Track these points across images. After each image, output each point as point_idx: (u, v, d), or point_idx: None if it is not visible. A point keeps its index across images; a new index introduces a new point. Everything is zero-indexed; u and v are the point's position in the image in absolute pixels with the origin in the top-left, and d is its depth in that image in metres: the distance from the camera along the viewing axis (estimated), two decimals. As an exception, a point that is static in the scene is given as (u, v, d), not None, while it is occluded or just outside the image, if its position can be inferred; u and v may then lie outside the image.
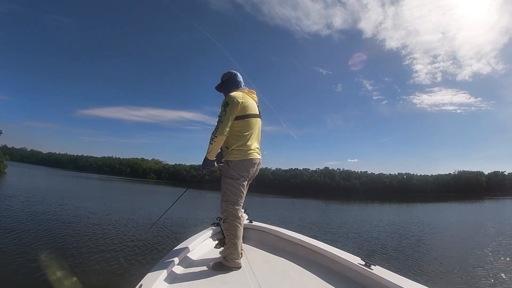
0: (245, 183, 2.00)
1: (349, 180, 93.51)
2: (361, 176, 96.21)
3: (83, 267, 4.73)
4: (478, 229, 12.22)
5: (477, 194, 69.93)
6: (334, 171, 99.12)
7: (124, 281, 4.30)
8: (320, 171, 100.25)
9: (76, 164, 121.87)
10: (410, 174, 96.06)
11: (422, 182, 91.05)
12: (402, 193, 77.78)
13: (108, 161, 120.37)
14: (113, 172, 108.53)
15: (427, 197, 60.32)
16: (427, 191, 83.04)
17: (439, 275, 5.60)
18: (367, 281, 1.57)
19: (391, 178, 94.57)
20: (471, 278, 5.45)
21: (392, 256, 7.03)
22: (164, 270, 1.59)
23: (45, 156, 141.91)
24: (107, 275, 4.52)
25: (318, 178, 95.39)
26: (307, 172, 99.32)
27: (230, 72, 2.15)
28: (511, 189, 79.93)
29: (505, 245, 8.68)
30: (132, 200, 19.69)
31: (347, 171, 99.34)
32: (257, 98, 2.16)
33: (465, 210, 27.88)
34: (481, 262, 6.58)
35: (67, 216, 9.44)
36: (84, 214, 10.20)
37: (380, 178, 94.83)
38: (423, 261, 6.59)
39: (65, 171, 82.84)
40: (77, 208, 11.60)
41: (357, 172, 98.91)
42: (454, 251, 7.92)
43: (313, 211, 21.28)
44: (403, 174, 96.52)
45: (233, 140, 1.95)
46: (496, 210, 27.87)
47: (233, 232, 1.92)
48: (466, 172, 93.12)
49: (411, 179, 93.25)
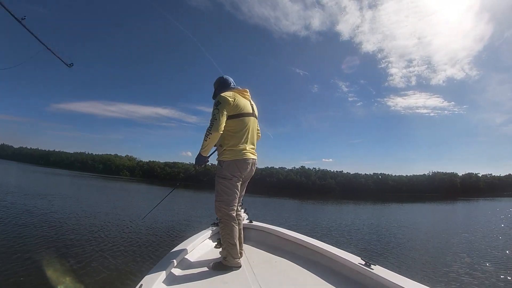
0: (238, 183, 1.99)
1: (325, 179, 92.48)
2: (337, 176, 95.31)
3: (82, 268, 4.67)
4: (465, 229, 12.75)
5: (451, 195, 70.37)
6: (310, 170, 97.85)
7: (124, 281, 4.29)
8: (296, 170, 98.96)
9: (48, 160, 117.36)
10: (386, 175, 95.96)
11: (397, 182, 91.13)
12: (377, 193, 78.18)
13: (80, 157, 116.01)
14: (85, 168, 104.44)
15: (402, 197, 61.25)
16: (402, 191, 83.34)
17: (422, 268, 5.94)
18: (367, 281, 1.57)
19: (367, 178, 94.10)
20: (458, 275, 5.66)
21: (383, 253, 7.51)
22: (164, 271, 1.60)
23: (16, 150, 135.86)
24: (107, 276, 4.49)
25: (294, 177, 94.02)
26: (283, 171, 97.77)
27: (218, 78, 2.17)
28: (484, 190, 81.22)
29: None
30: (125, 199, 19.40)
31: (323, 170, 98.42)
32: (250, 97, 2.12)
33: (442, 210, 28.56)
34: (473, 259, 6.98)
35: (62, 217, 9.14)
36: (80, 215, 9.92)
37: (356, 178, 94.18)
38: (409, 257, 7.07)
39: (37, 167, 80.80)
40: (69, 209, 11.21)
41: (333, 172, 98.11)
42: (435, 249, 8.29)
43: (289, 210, 21.51)
44: (379, 174, 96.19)
45: (226, 140, 1.95)
46: (476, 210, 28.69)
47: (228, 231, 1.91)
48: (440, 173, 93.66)
49: (387, 179, 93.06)
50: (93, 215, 10.30)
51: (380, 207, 29.13)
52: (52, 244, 5.93)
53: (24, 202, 11.57)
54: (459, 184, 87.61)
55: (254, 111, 2.09)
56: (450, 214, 24.10)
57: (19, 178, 28.99)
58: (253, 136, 2.07)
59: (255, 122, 2.10)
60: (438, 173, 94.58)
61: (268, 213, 16.97)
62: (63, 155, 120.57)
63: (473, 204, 38.46)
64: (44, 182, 28.19)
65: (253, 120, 2.06)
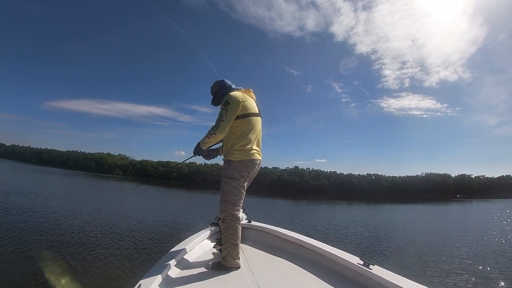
0: (245, 184, 1.97)
1: (318, 179, 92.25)
2: (330, 176, 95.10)
3: (79, 269, 4.62)
4: (461, 230, 12.69)
5: (445, 196, 70.46)
6: (304, 170, 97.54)
7: (123, 281, 4.25)
8: (289, 170, 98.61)
9: (40, 158, 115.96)
10: (379, 175, 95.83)
11: (390, 183, 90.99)
12: (371, 193, 78.22)
13: (73, 156, 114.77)
14: (77, 167, 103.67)
15: (396, 197, 61.16)
16: (395, 192, 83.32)
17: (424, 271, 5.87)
18: (366, 281, 1.56)
19: (360, 178, 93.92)
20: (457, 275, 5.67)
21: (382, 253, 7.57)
22: (162, 270, 1.60)
23: (8, 148, 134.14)
24: (105, 276, 4.46)
25: (288, 177, 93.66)
26: (276, 171, 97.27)
27: (216, 82, 2.11)
28: (477, 191, 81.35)
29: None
30: (120, 199, 19.13)
31: (317, 170, 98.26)
32: (255, 97, 2.10)
33: (436, 211, 28.38)
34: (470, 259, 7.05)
35: (61, 216, 9.05)
36: (76, 215, 9.79)
37: (349, 178, 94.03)
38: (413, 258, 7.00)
39: (29, 165, 79.96)
40: (66, 208, 11.10)
41: (326, 172, 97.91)
42: (433, 248, 8.37)
43: (283, 210, 21.34)
44: (372, 175, 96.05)
45: (235, 140, 1.92)
46: (469, 211, 28.25)
47: (231, 232, 1.89)
48: (434, 174, 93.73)
49: (380, 180, 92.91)
50: (89, 215, 10.13)
51: (374, 208, 28.98)
52: (48, 246, 5.80)
53: (4, 201, 11.09)
54: (452, 185, 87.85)
55: (259, 111, 2.05)
56: (444, 215, 23.91)
57: (7, 176, 28.26)
58: (260, 136, 2.04)
59: (260, 123, 2.05)
60: (431, 174, 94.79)
61: (261, 215, 16.70)
62: (55, 154, 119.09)
63: (467, 205, 38.43)
64: (34, 181, 27.42)
65: (259, 121, 2.03)
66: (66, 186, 25.81)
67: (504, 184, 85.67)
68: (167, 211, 14.24)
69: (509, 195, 69.44)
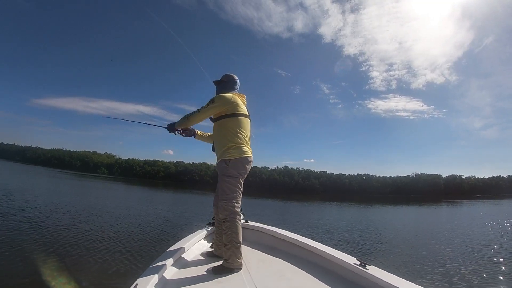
0: (242, 181, 2.02)
1: (308, 179, 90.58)
2: (320, 176, 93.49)
3: (75, 269, 4.60)
4: (455, 230, 12.56)
5: (436, 196, 69.33)
6: (294, 170, 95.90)
7: (119, 281, 4.24)
8: (279, 170, 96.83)
9: (24, 156, 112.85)
10: (370, 175, 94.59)
11: (381, 183, 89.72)
12: (361, 193, 77.30)
13: (58, 154, 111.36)
14: (62, 165, 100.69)
15: (387, 198, 60.69)
16: (386, 193, 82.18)
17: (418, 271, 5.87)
18: (362, 281, 1.57)
19: (351, 178, 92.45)
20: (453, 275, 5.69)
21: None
22: (159, 270, 1.60)
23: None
24: (101, 276, 4.44)
25: (277, 177, 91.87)
26: (266, 170, 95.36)
27: (232, 76, 2.20)
28: (468, 192, 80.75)
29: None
30: (115, 199, 19.09)
31: (307, 170, 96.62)
32: (246, 103, 2.17)
33: (428, 211, 28.05)
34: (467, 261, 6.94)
35: (56, 217, 8.90)
36: (73, 215, 9.67)
37: (339, 178, 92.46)
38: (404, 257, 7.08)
39: (13, 163, 78.08)
40: (64, 208, 10.97)
41: (316, 172, 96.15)
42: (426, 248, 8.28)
43: (273, 211, 20.82)
44: (362, 175, 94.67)
45: (230, 139, 1.97)
46: (461, 212, 28.03)
47: (234, 230, 1.89)
48: (425, 175, 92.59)
49: (371, 180, 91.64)
50: (85, 215, 10.00)
51: (365, 208, 28.60)
52: (43, 246, 5.69)
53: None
54: (443, 186, 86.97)
55: (249, 115, 2.13)
56: (436, 216, 23.67)
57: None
58: (250, 138, 2.12)
59: (249, 125, 2.13)
60: (422, 174, 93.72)
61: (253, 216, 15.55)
62: (39, 151, 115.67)
63: (458, 206, 37.79)
64: (16, 179, 25.65)
65: (249, 122, 2.11)
66: (46, 186, 23.80)
67: (495, 184, 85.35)
68: (160, 211, 13.90)
69: (500, 195, 69.14)
